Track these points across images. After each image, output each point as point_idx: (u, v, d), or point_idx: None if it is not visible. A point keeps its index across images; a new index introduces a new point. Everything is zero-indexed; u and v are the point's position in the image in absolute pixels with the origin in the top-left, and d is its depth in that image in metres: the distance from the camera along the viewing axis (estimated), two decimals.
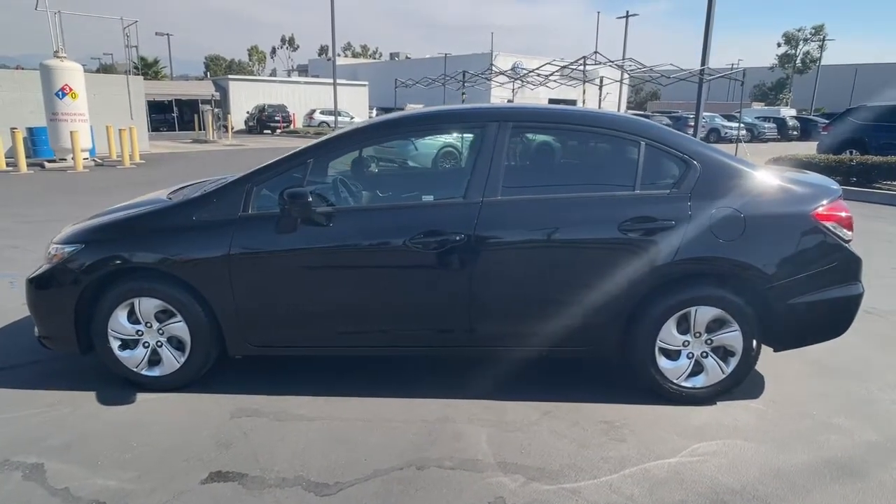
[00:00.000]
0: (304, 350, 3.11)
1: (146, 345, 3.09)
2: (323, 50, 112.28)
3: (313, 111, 35.85)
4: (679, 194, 2.89)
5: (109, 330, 3.04)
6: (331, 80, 38.94)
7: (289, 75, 75.30)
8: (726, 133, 30.62)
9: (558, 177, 3.09)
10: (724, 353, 2.98)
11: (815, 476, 2.47)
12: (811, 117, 29.72)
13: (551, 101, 41.90)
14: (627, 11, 35.10)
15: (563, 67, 18.04)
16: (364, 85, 40.48)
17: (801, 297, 2.88)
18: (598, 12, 58.53)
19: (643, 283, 2.85)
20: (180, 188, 3.69)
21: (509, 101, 43.26)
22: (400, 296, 2.94)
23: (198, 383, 3.15)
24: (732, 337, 2.93)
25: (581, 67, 18.02)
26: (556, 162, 3.14)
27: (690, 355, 2.98)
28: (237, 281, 2.92)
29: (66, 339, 3.12)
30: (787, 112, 35.70)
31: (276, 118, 32.68)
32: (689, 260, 2.83)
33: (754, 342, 2.93)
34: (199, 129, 27.16)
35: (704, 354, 2.98)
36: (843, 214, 2.92)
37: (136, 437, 2.70)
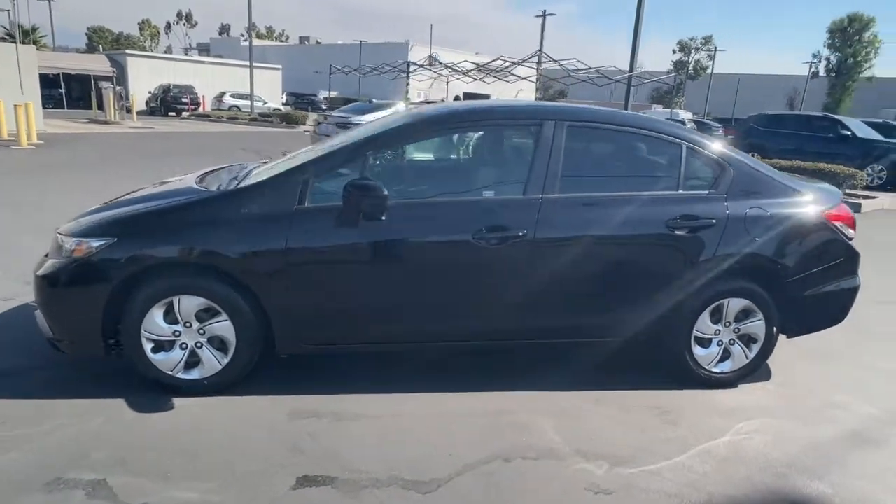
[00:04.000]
0: (358, 347, 3.04)
1: (184, 346, 2.89)
2: (224, 29, 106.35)
3: (223, 94, 33.99)
4: (717, 195, 3.13)
5: (143, 331, 2.81)
6: (239, 62, 37.13)
7: (186, 53, 70.62)
8: None
9: (608, 175, 3.22)
10: (747, 341, 3.27)
11: (844, 447, 2.80)
12: (705, 121, 32.35)
13: (466, 94, 42.51)
14: (545, 11, 36.18)
15: (488, 65, 18.31)
16: (278, 69, 38.99)
17: (814, 288, 3.22)
18: (543, 13, 59.54)
19: (686, 277, 3.07)
20: (206, 175, 3.45)
21: (425, 96, 43.37)
22: (459, 290, 2.96)
23: (238, 386, 2.99)
24: (757, 326, 3.22)
25: (506, 65, 18.43)
26: (606, 161, 3.27)
27: (720, 343, 3.25)
28: (294, 277, 2.80)
29: (90, 343, 2.85)
30: (685, 115, 38.55)
31: (184, 100, 30.63)
32: (726, 255, 3.07)
33: (774, 330, 3.24)
34: (97, 109, 24.92)
35: (732, 342, 3.25)
36: (848, 215, 3.29)
37: (195, 446, 2.54)
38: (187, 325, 2.86)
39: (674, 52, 63.87)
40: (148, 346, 2.84)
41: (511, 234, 2.87)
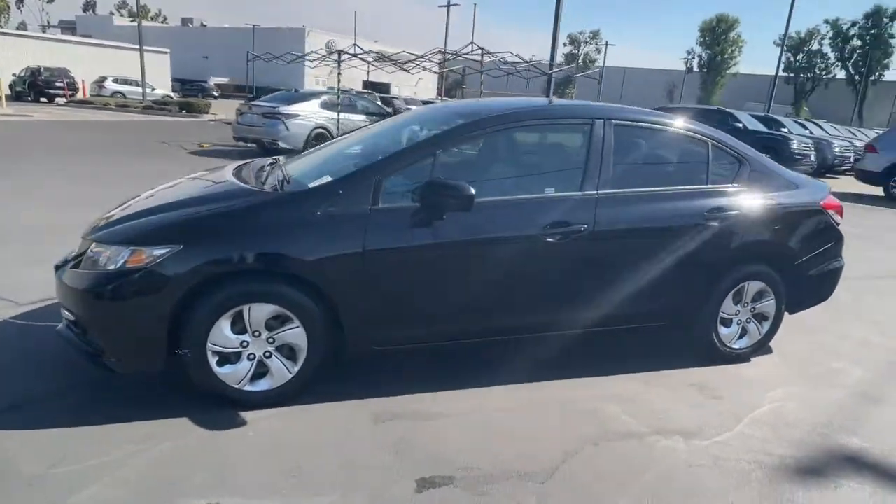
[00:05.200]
0: (427, 345, 3.04)
1: (251, 357, 2.74)
2: (89, 5, 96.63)
3: (104, 79, 31.10)
4: (738, 188, 3.45)
5: (209, 344, 2.64)
6: (121, 44, 34.15)
7: (44, 31, 63.56)
8: None
9: (647, 171, 3.43)
10: (760, 318, 3.65)
11: (858, 406, 3.23)
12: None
13: (366, 83, 41.87)
14: (448, 0, 36.44)
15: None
16: (165, 52, 36.24)
17: (814, 269, 3.66)
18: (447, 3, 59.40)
19: (718, 264, 3.37)
20: (241, 168, 3.27)
21: (323, 83, 42.18)
22: (527, 285, 3.05)
23: (303, 394, 2.88)
24: (769, 305, 3.60)
25: (415, 59, 18.22)
26: (645, 157, 3.47)
27: (739, 322, 3.60)
28: (371, 279, 2.75)
29: (148, 359, 2.64)
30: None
31: (58, 84, 27.64)
32: (748, 243, 3.41)
33: (782, 308, 3.64)
34: None
35: (748, 320, 3.62)
36: (837, 204, 3.75)
37: (294, 459, 2.44)
38: (256, 334, 2.72)
39: (564, 45, 67.02)
40: (213, 360, 2.67)
41: (574, 230, 3.00)
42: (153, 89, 31.30)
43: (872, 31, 55.47)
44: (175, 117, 22.82)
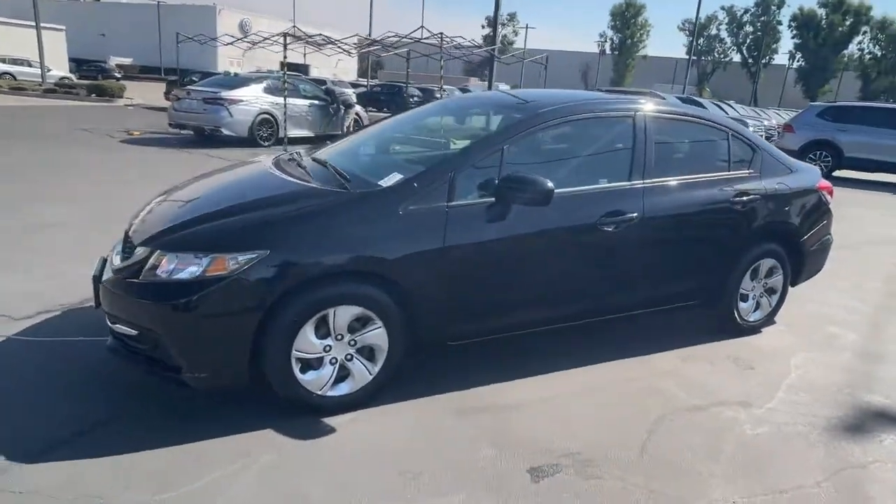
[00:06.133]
0: (497, 336, 3.08)
1: (333, 361, 2.68)
2: None
3: None
4: (755, 174, 3.71)
5: (294, 351, 2.56)
6: (5, 19, 30.83)
7: None
8: None
9: (681, 160, 3.61)
10: (770, 292, 3.97)
11: (866, 365, 3.61)
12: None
13: (282, 64, 40.17)
14: None
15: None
16: (61, 29, 33.11)
17: (813, 245, 4.02)
18: None
19: (741, 244, 3.63)
20: (279, 163, 3.16)
21: (238, 65, 40.19)
22: (585, 272, 3.17)
23: (380, 395, 2.86)
24: (778, 280, 3.93)
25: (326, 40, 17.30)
26: (677, 147, 3.64)
27: (754, 296, 3.90)
28: (449, 275, 2.76)
29: (232, 372, 2.52)
30: (505, 88, 41.39)
31: None
32: (766, 223, 3.69)
33: (788, 282, 3.98)
34: None
35: (761, 294, 3.93)
36: (829, 185, 4.12)
37: (399, 461, 2.44)
38: (339, 337, 2.66)
39: (482, 27, 67.44)
40: (297, 367, 2.59)
41: (627, 218, 3.14)
42: (49, 70, 28.61)
43: (762, 18, 59.93)
44: (84, 101, 21.03)
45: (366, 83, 34.59)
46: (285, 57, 12.15)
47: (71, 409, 2.63)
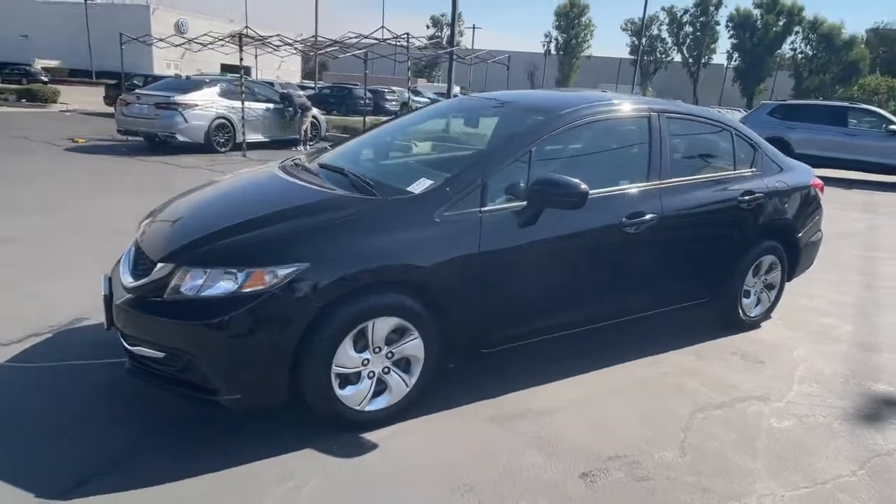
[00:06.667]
0: (525, 342, 3.04)
1: (371, 375, 2.60)
2: None
3: None
4: (757, 172, 3.83)
5: (334, 366, 2.46)
6: None
7: None
8: (417, 107, 34.06)
9: (691, 160, 3.68)
10: (769, 288, 4.10)
11: (864, 355, 3.78)
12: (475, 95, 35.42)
13: (224, 66, 38.98)
14: None
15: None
16: None
17: (808, 240, 4.18)
18: None
19: (746, 241, 3.74)
20: (288, 167, 3.08)
21: (176, 67, 38.66)
22: (609, 274, 3.19)
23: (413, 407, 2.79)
24: (776, 276, 4.07)
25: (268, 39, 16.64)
26: (687, 147, 3.70)
27: (755, 292, 4.02)
28: (483, 281, 2.72)
29: (272, 392, 2.41)
30: (455, 89, 41.34)
31: None
32: (769, 221, 3.82)
33: (785, 277, 4.12)
34: None
35: (761, 290, 4.06)
36: (820, 182, 4.30)
37: (450, 474, 2.38)
38: (376, 350, 2.58)
39: (427, 27, 67.46)
40: (336, 383, 2.49)
41: (647, 219, 3.17)
42: None
43: (701, 19, 62.38)
44: (15, 108, 19.72)
45: (314, 85, 33.95)
46: (241, 59, 11.74)
47: (95, 438, 2.46)
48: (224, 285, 2.31)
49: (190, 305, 2.32)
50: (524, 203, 2.80)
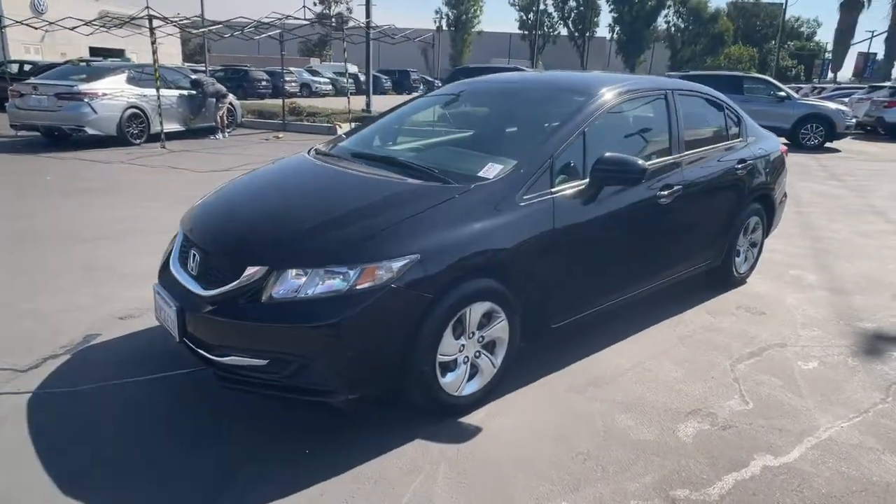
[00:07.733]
0: (586, 313, 3.15)
1: (465, 360, 2.63)
2: None
3: None
4: (744, 142, 4.19)
5: (438, 355, 2.46)
6: None
7: None
8: (316, 88, 32.98)
9: (698, 133, 3.92)
10: (752, 245, 4.53)
11: (839, 299, 4.29)
12: (376, 74, 34.60)
13: (93, 50, 35.42)
14: None
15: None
16: None
17: (779, 200, 4.65)
18: None
19: (740, 206, 4.10)
20: (328, 155, 3.07)
21: (35, 52, 34.60)
22: (652, 242, 3.43)
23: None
24: (759, 235, 4.50)
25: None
26: (693, 121, 3.93)
27: (744, 251, 4.43)
28: (558, 259, 2.82)
29: (383, 387, 2.39)
30: (352, 69, 40.40)
31: None
32: (756, 186, 4.20)
33: (765, 235, 4.57)
34: None
35: (748, 248, 4.47)
36: (785, 148, 4.77)
37: (563, 446, 2.48)
38: (471, 335, 2.61)
39: (315, 3, 64.95)
40: (439, 371, 2.50)
41: (676, 190, 3.40)
42: None
43: None
44: None
45: (204, 68, 31.82)
46: (154, 42, 10.78)
47: (188, 457, 2.30)
48: (334, 283, 2.24)
49: (300, 307, 2.22)
50: (586, 181, 2.91)
